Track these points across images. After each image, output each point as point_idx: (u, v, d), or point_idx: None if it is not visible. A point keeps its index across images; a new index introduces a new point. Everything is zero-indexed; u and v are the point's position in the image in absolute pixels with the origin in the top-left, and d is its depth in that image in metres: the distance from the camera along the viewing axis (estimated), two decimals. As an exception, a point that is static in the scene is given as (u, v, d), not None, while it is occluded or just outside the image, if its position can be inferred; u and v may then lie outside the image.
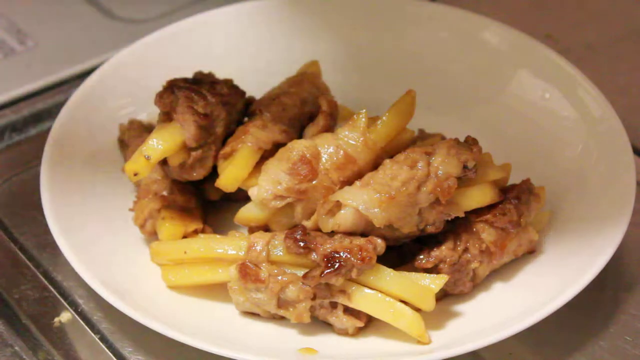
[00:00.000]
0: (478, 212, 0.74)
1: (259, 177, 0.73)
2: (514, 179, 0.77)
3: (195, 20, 0.95)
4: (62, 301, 0.76)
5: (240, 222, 0.75)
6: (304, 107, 0.80)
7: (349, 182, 0.72)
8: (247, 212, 0.74)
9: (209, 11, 0.95)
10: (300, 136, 0.79)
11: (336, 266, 0.68)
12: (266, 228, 0.74)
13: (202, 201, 0.80)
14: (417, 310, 0.69)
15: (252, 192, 0.74)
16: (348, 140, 0.73)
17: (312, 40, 0.94)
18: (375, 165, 0.73)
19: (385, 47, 0.94)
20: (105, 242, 0.77)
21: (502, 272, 0.75)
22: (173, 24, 0.94)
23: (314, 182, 0.72)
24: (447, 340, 0.69)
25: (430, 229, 0.72)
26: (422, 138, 0.81)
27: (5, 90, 0.96)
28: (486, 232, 0.73)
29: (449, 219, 0.72)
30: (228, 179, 0.75)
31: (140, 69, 0.89)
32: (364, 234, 0.71)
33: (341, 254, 0.69)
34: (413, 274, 0.71)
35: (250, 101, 0.81)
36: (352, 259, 0.68)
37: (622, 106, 0.85)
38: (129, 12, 1.08)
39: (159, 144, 0.73)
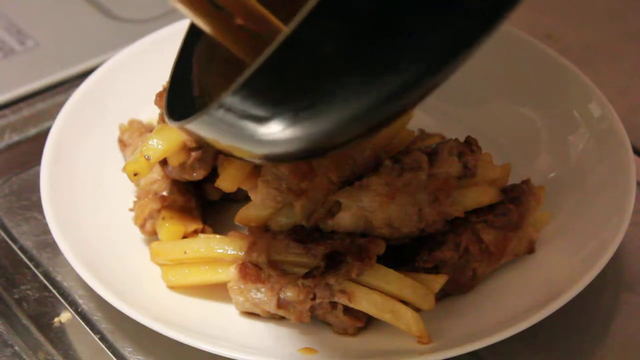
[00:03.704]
0: (478, 212, 0.74)
1: (259, 176, 0.73)
2: (514, 179, 0.77)
3: None
4: (62, 301, 0.76)
5: (240, 222, 0.75)
6: (304, 107, 0.80)
7: (348, 182, 0.72)
8: (247, 212, 0.74)
9: (209, 11, 0.95)
10: (300, 136, 0.79)
11: (336, 266, 0.68)
12: (266, 228, 0.74)
13: (202, 201, 0.80)
14: (417, 310, 0.69)
15: (252, 192, 0.74)
16: (348, 140, 0.73)
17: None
18: (375, 165, 0.73)
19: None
20: (106, 242, 0.77)
21: (502, 272, 0.75)
22: (173, 24, 0.94)
23: (313, 182, 0.72)
24: (447, 340, 0.69)
25: (430, 229, 0.72)
26: (422, 138, 0.81)
27: (5, 90, 0.96)
28: (486, 232, 0.73)
29: (449, 219, 0.72)
30: (228, 179, 0.75)
31: (140, 69, 0.89)
32: (364, 234, 0.71)
33: (341, 254, 0.69)
34: (413, 274, 0.71)
35: (250, 101, 0.81)
36: (352, 259, 0.69)
37: (622, 106, 0.85)
38: (129, 12, 1.08)
39: (159, 144, 0.73)
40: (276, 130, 0.56)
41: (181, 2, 0.61)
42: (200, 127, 0.60)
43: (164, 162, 0.76)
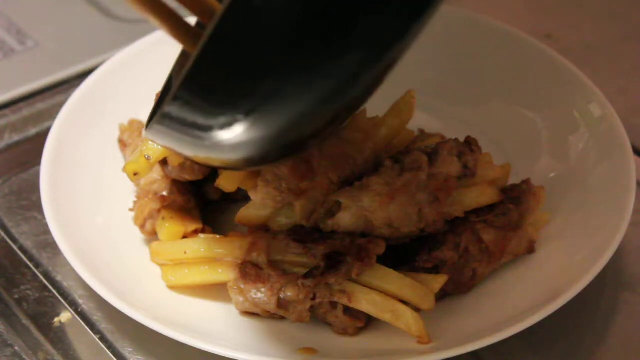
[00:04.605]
0: (478, 212, 0.74)
1: (260, 176, 0.73)
2: (514, 179, 0.77)
3: (195, 20, 0.94)
4: (62, 301, 0.76)
5: (240, 222, 0.75)
6: (304, 107, 0.80)
7: (348, 182, 0.72)
8: (247, 212, 0.74)
9: (209, 11, 0.95)
10: (300, 136, 0.79)
11: (336, 266, 0.68)
12: (266, 228, 0.74)
13: (202, 201, 0.80)
14: (417, 310, 0.69)
15: (252, 192, 0.74)
16: (348, 140, 0.73)
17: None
18: (375, 166, 0.73)
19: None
20: (105, 242, 0.77)
21: (502, 272, 0.75)
22: (173, 24, 0.94)
23: (313, 182, 0.72)
24: (447, 340, 0.69)
25: (430, 229, 0.72)
26: (422, 138, 0.81)
27: (5, 90, 0.96)
28: (486, 232, 0.73)
29: (449, 219, 0.72)
30: (227, 178, 0.75)
31: (140, 69, 0.89)
32: (364, 234, 0.71)
33: (341, 254, 0.69)
34: (413, 274, 0.71)
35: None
36: (352, 259, 0.69)
37: (622, 106, 0.85)
38: (129, 12, 1.08)
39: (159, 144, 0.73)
40: (228, 135, 0.55)
41: (139, 5, 0.60)
42: (157, 136, 0.59)
43: (164, 162, 0.76)
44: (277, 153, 0.61)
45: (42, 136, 0.83)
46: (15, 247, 0.80)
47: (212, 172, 0.77)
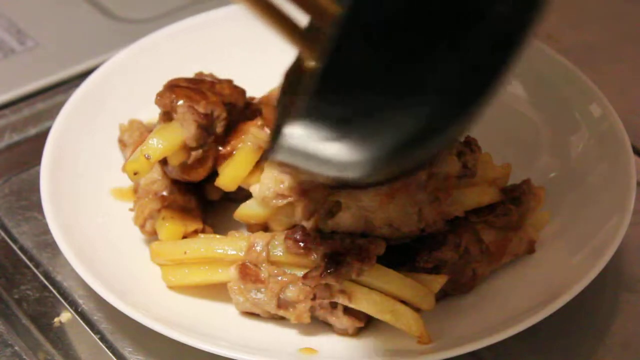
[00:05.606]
0: (478, 212, 0.74)
1: (262, 174, 0.73)
2: (514, 179, 0.77)
3: (196, 20, 0.95)
4: (62, 301, 0.76)
5: (240, 218, 0.75)
6: (304, 106, 0.80)
7: (348, 182, 0.72)
8: (248, 209, 0.74)
9: (209, 11, 0.95)
10: (300, 136, 0.78)
11: (336, 266, 0.68)
12: (266, 227, 0.74)
13: (202, 201, 0.80)
14: (417, 310, 0.69)
15: (254, 189, 0.74)
16: (348, 140, 0.73)
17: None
18: (375, 165, 0.73)
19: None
20: (105, 242, 0.77)
21: (502, 272, 0.75)
22: (173, 24, 0.94)
23: (314, 182, 0.72)
24: (447, 340, 0.69)
25: (431, 229, 0.72)
26: (422, 138, 0.81)
27: (5, 90, 0.96)
28: (486, 233, 0.73)
29: (449, 218, 0.72)
30: (228, 178, 0.75)
31: (140, 69, 0.89)
32: (364, 234, 0.71)
33: (341, 254, 0.69)
34: (413, 274, 0.71)
35: (250, 101, 0.81)
36: (352, 259, 0.69)
37: (622, 106, 0.85)
38: (129, 12, 1.08)
39: (159, 144, 0.73)
40: (340, 153, 0.54)
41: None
42: (284, 153, 0.58)
43: (164, 162, 0.76)
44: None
45: (42, 136, 0.83)
46: (15, 247, 0.80)
47: (212, 172, 0.77)
